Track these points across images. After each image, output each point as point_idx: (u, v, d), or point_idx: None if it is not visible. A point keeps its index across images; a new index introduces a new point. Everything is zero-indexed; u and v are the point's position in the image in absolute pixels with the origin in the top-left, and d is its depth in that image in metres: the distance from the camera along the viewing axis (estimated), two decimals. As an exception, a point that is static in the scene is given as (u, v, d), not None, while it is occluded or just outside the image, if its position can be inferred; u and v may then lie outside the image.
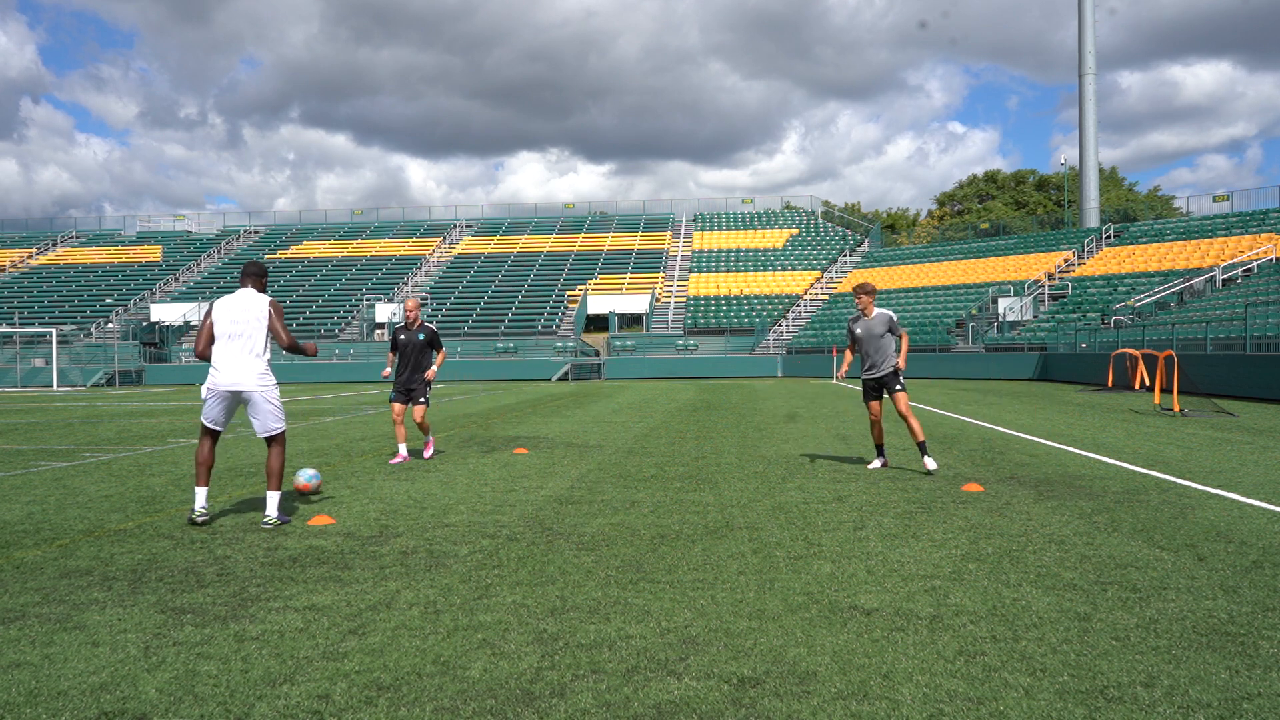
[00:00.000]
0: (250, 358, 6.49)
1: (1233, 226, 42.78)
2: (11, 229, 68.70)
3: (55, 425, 16.63)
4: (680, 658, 3.63)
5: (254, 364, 6.50)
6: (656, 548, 5.62)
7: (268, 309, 6.55)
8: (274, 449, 6.67)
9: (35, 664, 3.65)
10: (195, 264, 61.37)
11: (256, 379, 6.50)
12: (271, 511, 6.49)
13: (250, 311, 6.53)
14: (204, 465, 6.63)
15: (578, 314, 50.76)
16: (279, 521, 6.47)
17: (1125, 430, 12.87)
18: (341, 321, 51.65)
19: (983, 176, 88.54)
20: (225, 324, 6.51)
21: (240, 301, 6.58)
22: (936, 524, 6.26)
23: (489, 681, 3.40)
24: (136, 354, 46.47)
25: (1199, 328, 26.12)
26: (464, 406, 21.12)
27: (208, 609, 4.39)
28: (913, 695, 3.22)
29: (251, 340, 6.49)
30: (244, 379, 6.48)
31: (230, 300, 6.60)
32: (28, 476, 9.28)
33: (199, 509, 6.51)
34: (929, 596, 4.45)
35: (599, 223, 67.03)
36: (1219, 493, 7.38)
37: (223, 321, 6.52)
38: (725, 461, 9.92)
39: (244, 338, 6.48)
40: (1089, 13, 49.02)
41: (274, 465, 6.63)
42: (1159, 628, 3.93)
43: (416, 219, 69.81)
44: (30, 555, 5.61)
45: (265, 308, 6.55)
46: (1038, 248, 48.89)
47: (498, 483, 8.49)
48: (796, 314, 49.52)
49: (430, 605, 4.40)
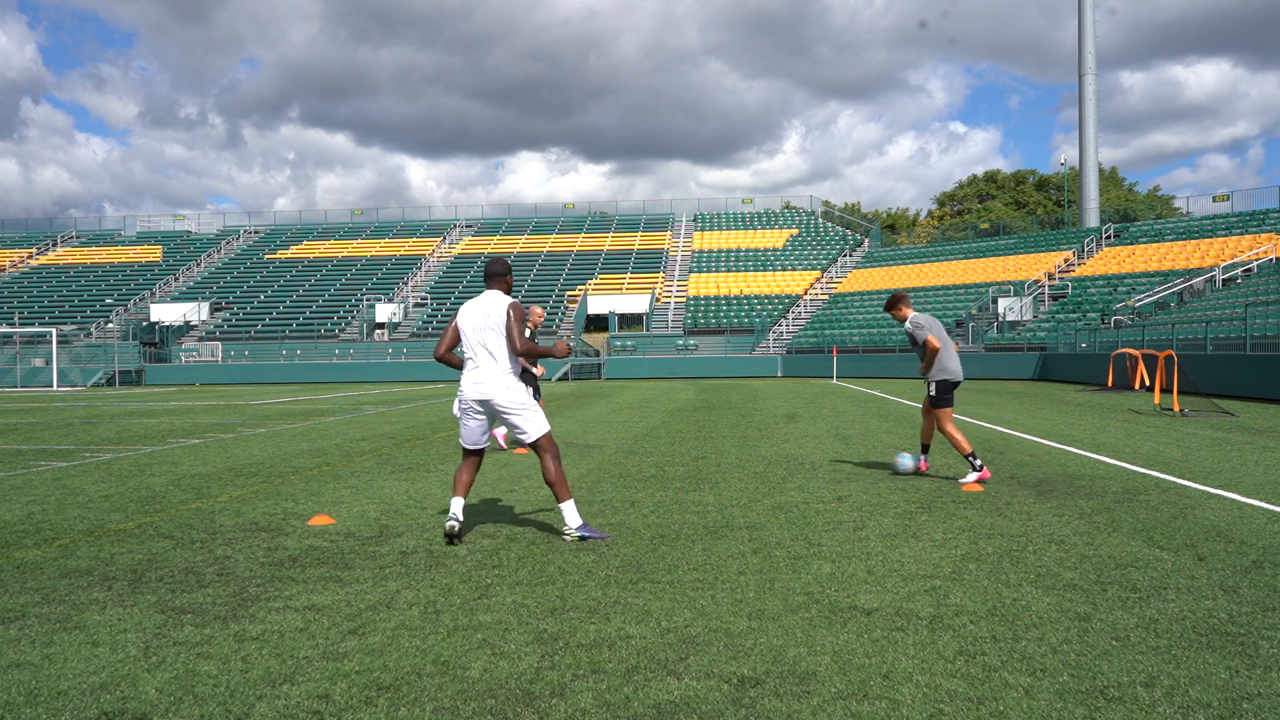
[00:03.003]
0: (495, 365, 5.94)
1: (1233, 226, 42.79)
2: (11, 229, 68.69)
3: (55, 425, 16.63)
4: (680, 658, 3.63)
5: (500, 372, 5.94)
6: (656, 548, 5.62)
7: (506, 312, 5.95)
8: (543, 457, 6.03)
9: (35, 664, 3.65)
10: (195, 264, 61.37)
11: (503, 388, 5.93)
12: (572, 521, 5.91)
13: (490, 315, 5.96)
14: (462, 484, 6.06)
15: (578, 314, 50.77)
16: (580, 535, 5.87)
17: (1125, 430, 12.88)
18: (341, 322, 51.65)
19: (983, 176, 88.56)
20: (469, 329, 6.00)
21: (481, 305, 6.03)
22: (936, 524, 6.26)
23: (489, 681, 3.40)
24: (136, 354, 46.46)
25: (1199, 328, 26.12)
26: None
27: (208, 609, 4.39)
28: (913, 695, 3.22)
29: (495, 346, 5.94)
30: (491, 389, 5.94)
31: (474, 304, 6.07)
32: (28, 476, 9.29)
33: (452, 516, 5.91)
34: (929, 596, 4.45)
35: (599, 223, 67.03)
36: (1219, 493, 7.38)
37: (467, 327, 6.02)
38: (725, 461, 9.92)
39: (486, 344, 5.95)
40: (1089, 12, 49.01)
41: (550, 474, 5.98)
42: (1159, 628, 3.93)
43: (416, 219, 69.82)
44: (30, 555, 5.61)
45: (504, 311, 5.96)
46: (1038, 248, 48.90)
47: (498, 483, 8.49)
48: (796, 314, 49.52)
49: (430, 605, 4.40)
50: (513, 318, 5.92)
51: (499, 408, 5.96)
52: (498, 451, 10.94)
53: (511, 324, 5.91)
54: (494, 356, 5.94)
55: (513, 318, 5.92)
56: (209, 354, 47.90)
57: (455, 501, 5.96)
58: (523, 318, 5.99)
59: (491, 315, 5.95)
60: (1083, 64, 49.40)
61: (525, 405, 5.98)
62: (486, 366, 5.95)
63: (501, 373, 5.94)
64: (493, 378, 5.93)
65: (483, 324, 5.95)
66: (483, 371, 5.95)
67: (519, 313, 5.97)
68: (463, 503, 6.00)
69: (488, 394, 5.93)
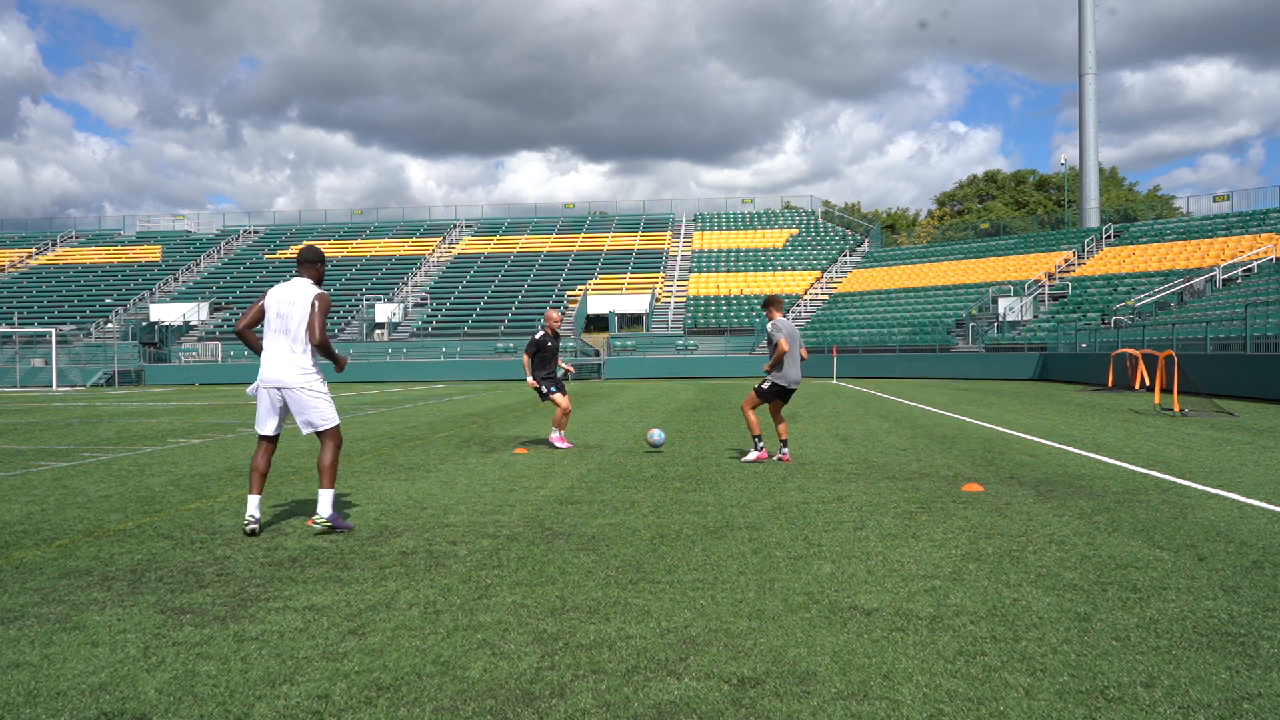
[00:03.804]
0: (292, 352, 6.10)
1: (1233, 226, 42.80)
2: (11, 229, 68.70)
3: (55, 425, 16.63)
4: (680, 658, 3.63)
5: (296, 358, 6.10)
6: (656, 548, 5.62)
7: (312, 302, 6.11)
8: (325, 444, 6.22)
9: (35, 664, 3.65)
10: (195, 264, 61.37)
11: (297, 374, 6.10)
12: (323, 511, 6.09)
13: (295, 303, 6.11)
14: (257, 471, 6.21)
15: (578, 314, 50.75)
16: (329, 524, 6.08)
17: (1125, 430, 12.87)
18: (341, 322, 51.65)
19: (983, 176, 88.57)
20: (272, 314, 6.15)
21: (288, 290, 6.17)
22: (936, 524, 6.25)
23: (489, 681, 3.40)
24: (136, 354, 46.45)
25: (1199, 328, 26.12)
26: (464, 406, 21.12)
27: (207, 609, 4.39)
28: (913, 695, 3.22)
29: (295, 333, 6.10)
30: (285, 374, 6.10)
31: (281, 288, 6.20)
32: (27, 476, 9.28)
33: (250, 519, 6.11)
34: (929, 596, 4.45)
35: (599, 223, 67.03)
36: (1219, 493, 7.38)
37: (270, 311, 6.16)
38: (725, 461, 9.92)
39: (288, 331, 6.10)
40: (1089, 12, 49.01)
41: (324, 460, 6.17)
42: (1159, 628, 3.93)
43: (416, 219, 69.83)
44: (30, 555, 5.61)
45: (310, 300, 6.12)
46: (1038, 248, 48.90)
47: (498, 483, 8.49)
48: (796, 314, 49.52)
49: (430, 605, 4.40)
50: (317, 308, 6.12)
51: (292, 394, 6.14)
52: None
53: (315, 315, 6.10)
54: (293, 343, 6.12)
55: (317, 308, 6.12)
56: (209, 354, 47.89)
57: (252, 500, 6.17)
58: (326, 309, 6.20)
59: (297, 303, 6.14)
60: (1083, 64, 49.41)
61: (319, 394, 6.18)
62: (284, 352, 6.13)
63: (298, 360, 6.12)
64: (290, 364, 6.11)
65: (287, 310, 6.14)
66: (281, 357, 6.13)
67: (324, 304, 6.17)
68: (259, 500, 6.19)
69: (283, 379, 6.12)
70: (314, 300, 6.12)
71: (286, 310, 6.12)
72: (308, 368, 6.15)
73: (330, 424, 6.23)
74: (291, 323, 6.11)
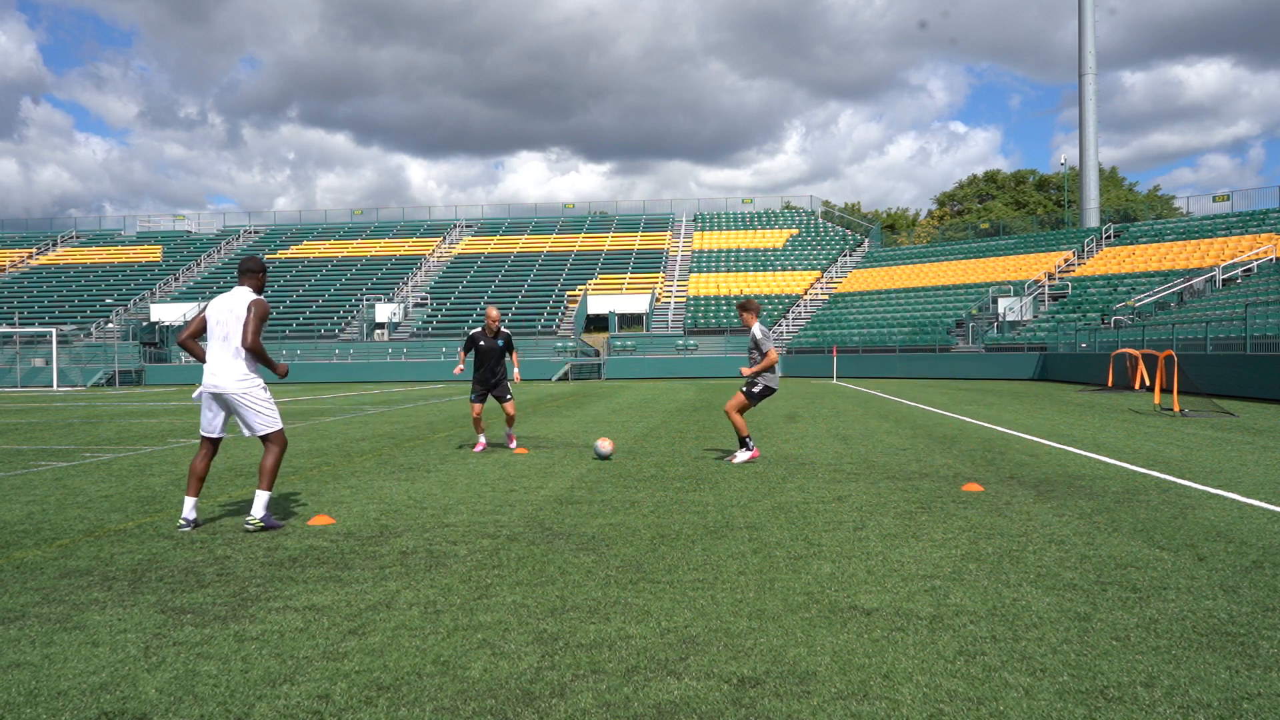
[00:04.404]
0: (231, 358, 6.30)
1: (1233, 226, 42.79)
2: (11, 229, 68.69)
3: (55, 425, 16.63)
4: (680, 658, 3.63)
5: (235, 365, 6.30)
6: (656, 548, 5.62)
7: (248, 307, 6.33)
8: (268, 447, 6.46)
9: (35, 664, 3.65)
10: (195, 264, 61.37)
11: (236, 380, 6.30)
12: (256, 512, 6.29)
13: (233, 310, 6.35)
14: (195, 475, 6.40)
15: (578, 314, 50.76)
16: (262, 524, 6.24)
17: (1125, 430, 12.88)
18: (341, 322, 51.66)
19: (983, 176, 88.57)
20: (212, 322, 6.38)
21: (228, 299, 6.41)
22: (936, 524, 6.26)
23: (489, 681, 3.40)
24: (136, 354, 46.48)
25: (1199, 328, 26.12)
26: (464, 406, 21.12)
27: (208, 609, 4.39)
28: (913, 695, 3.22)
29: (233, 340, 6.31)
30: (224, 380, 6.31)
31: (222, 298, 6.46)
32: (28, 476, 9.28)
33: (184, 520, 6.32)
34: (929, 596, 4.45)
35: (599, 223, 67.03)
36: (1219, 493, 7.38)
37: (211, 319, 6.40)
38: (725, 461, 9.92)
39: (227, 338, 6.31)
40: (1089, 12, 49.01)
41: (266, 463, 6.40)
42: (1159, 628, 3.93)
43: (416, 219, 69.82)
44: (30, 555, 5.61)
45: (245, 305, 6.34)
46: (1038, 248, 48.90)
47: (498, 483, 8.49)
48: (796, 314, 49.52)
49: (430, 605, 4.40)
50: (252, 314, 6.32)
51: (232, 400, 6.34)
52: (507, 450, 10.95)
53: (249, 320, 6.30)
54: (233, 350, 6.32)
55: (252, 314, 6.32)
56: (209, 354, 47.82)
57: (188, 502, 6.36)
58: (262, 316, 6.39)
59: (235, 310, 6.36)
60: (1083, 64, 49.40)
61: (259, 399, 6.38)
62: (225, 359, 6.34)
63: (238, 366, 6.32)
64: (229, 370, 6.32)
65: (226, 318, 6.36)
66: (221, 364, 6.33)
67: (259, 310, 6.38)
68: (195, 502, 6.37)
69: (222, 386, 6.32)
70: (249, 305, 6.36)
71: (225, 318, 6.36)
72: (247, 374, 6.36)
73: (271, 429, 6.45)
74: (230, 330, 6.34)
